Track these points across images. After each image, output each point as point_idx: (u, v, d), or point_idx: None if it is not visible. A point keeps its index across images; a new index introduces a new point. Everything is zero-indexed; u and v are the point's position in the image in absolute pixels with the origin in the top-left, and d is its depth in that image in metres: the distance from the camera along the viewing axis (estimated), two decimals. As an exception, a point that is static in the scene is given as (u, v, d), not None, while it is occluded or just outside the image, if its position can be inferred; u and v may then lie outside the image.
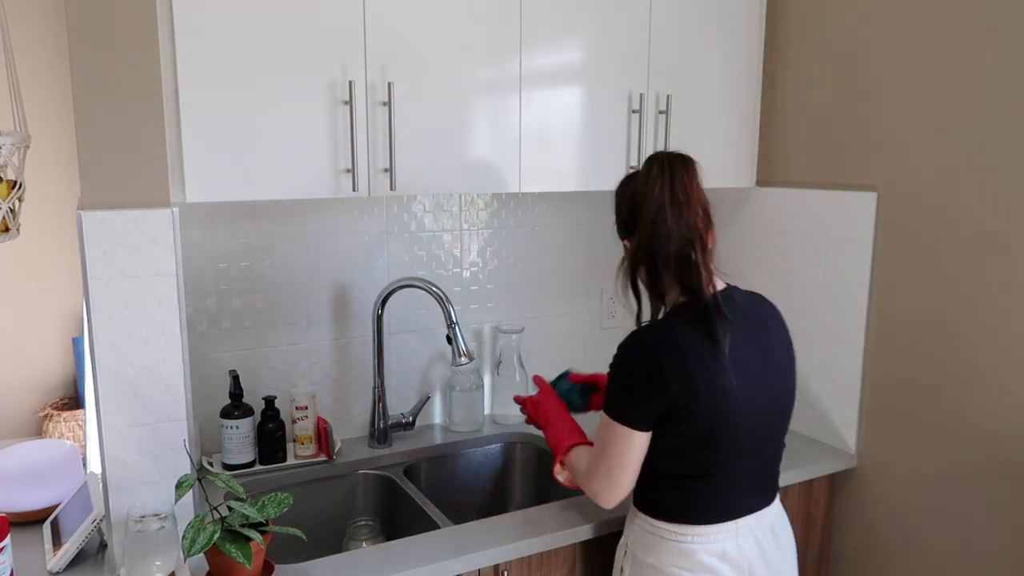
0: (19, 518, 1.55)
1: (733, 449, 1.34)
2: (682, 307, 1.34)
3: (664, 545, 1.38)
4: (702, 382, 1.28)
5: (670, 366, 1.28)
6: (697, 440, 1.32)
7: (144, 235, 1.34)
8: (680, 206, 1.30)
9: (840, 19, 1.89)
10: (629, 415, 1.32)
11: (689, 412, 1.29)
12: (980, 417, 1.67)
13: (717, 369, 1.29)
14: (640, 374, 1.31)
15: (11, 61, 1.46)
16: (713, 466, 1.34)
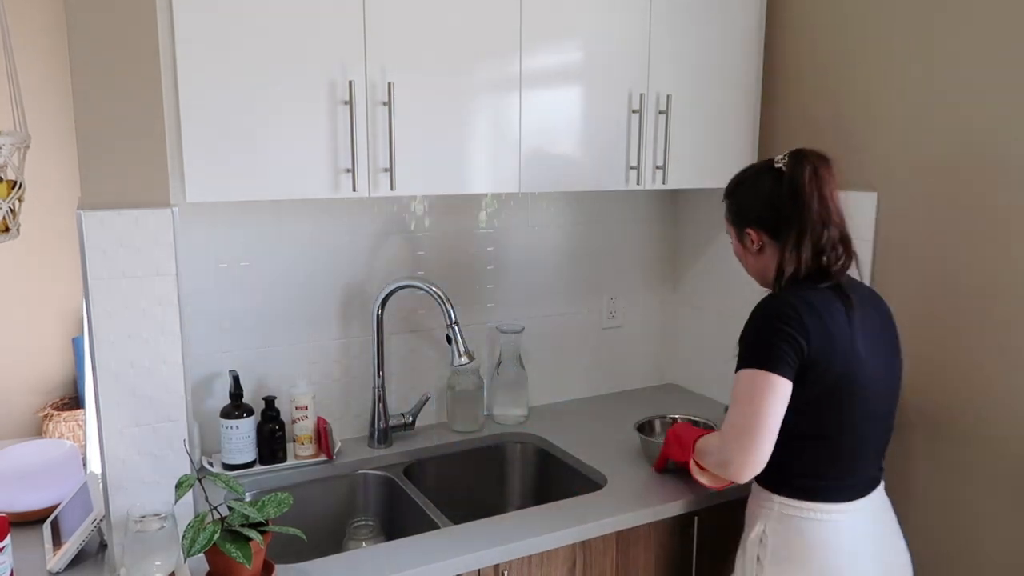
0: (19, 518, 1.55)
1: (861, 412, 1.39)
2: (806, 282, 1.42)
3: (808, 525, 1.39)
4: (837, 338, 1.36)
5: (809, 320, 1.34)
6: (830, 392, 1.36)
7: (144, 235, 1.34)
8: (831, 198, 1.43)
9: (839, 19, 1.89)
10: (771, 361, 1.33)
11: (824, 368, 1.34)
12: (980, 417, 1.67)
13: (850, 332, 1.38)
14: (780, 325, 1.34)
15: (11, 61, 1.46)
16: (844, 424, 1.38)
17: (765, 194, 1.47)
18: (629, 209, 2.31)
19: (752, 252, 1.52)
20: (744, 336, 1.40)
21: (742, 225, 1.51)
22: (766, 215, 1.46)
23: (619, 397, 2.35)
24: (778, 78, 2.05)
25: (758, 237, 1.49)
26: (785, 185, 1.43)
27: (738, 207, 1.53)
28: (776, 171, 1.46)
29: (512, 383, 2.12)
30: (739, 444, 1.35)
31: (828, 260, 1.43)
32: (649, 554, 1.66)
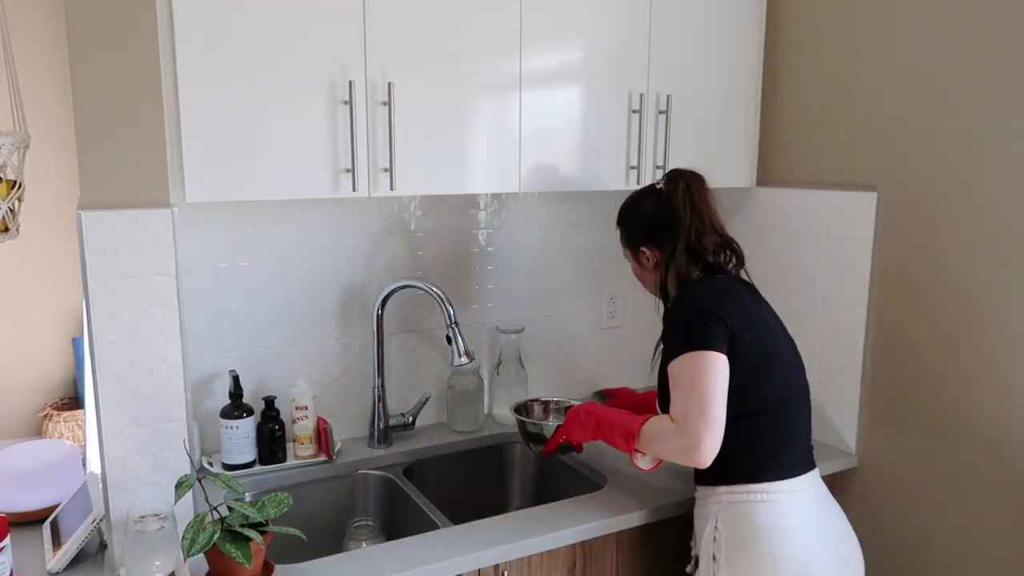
0: (19, 518, 1.55)
1: (785, 382, 1.48)
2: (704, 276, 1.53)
3: (755, 508, 1.41)
4: (751, 314, 1.46)
5: (724, 299, 1.45)
6: (756, 368, 1.42)
7: (144, 235, 1.34)
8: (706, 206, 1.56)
9: (840, 19, 1.89)
10: (705, 340, 1.38)
11: (748, 341, 1.41)
12: (980, 417, 1.67)
13: (756, 308, 1.50)
14: (698, 309, 1.43)
15: (11, 61, 1.46)
16: (773, 397, 1.45)
17: (649, 213, 1.59)
18: (629, 209, 2.31)
19: (649, 269, 1.61)
20: (669, 328, 1.46)
21: (637, 245, 1.61)
22: (651, 232, 1.58)
23: (619, 397, 2.35)
24: (778, 78, 2.05)
25: (652, 254, 1.59)
26: (664, 203, 1.56)
27: (630, 230, 1.64)
28: (657, 192, 1.60)
29: (512, 383, 2.12)
30: (700, 426, 1.36)
31: (718, 262, 1.55)
32: (649, 554, 1.66)
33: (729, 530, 1.42)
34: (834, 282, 1.93)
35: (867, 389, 1.89)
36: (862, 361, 1.88)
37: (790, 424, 1.47)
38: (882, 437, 1.87)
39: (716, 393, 1.37)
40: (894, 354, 1.82)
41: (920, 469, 1.79)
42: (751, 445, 1.43)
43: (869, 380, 1.88)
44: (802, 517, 1.42)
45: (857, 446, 1.92)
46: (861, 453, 1.92)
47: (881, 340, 1.85)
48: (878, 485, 1.88)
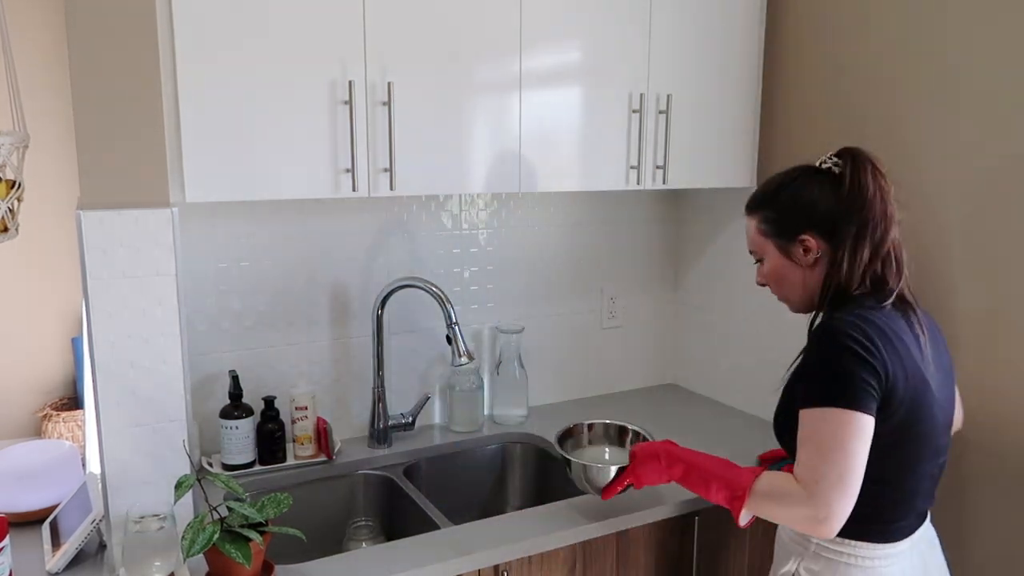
0: (18, 518, 1.55)
1: (927, 447, 1.26)
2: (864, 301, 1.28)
3: (847, 569, 1.27)
4: (909, 367, 1.22)
5: (884, 345, 1.20)
6: (899, 434, 1.23)
7: (144, 235, 1.34)
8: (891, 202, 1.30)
9: (839, 19, 1.89)
10: (855, 397, 1.17)
11: (897, 400, 1.20)
12: (980, 417, 1.66)
13: (918, 358, 1.24)
14: (853, 353, 1.18)
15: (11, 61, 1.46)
16: (908, 466, 1.25)
17: (821, 197, 1.31)
18: (629, 209, 2.31)
19: (805, 265, 1.33)
20: (812, 368, 1.23)
21: (794, 232, 1.33)
22: (825, 218, 1.30)
23: (619, 397, 2.35)
24: (778, 78, 2.05)
25: (816, 244, 1.31)
26: (845, 184, 1.28)
27: (785, 214, 1.34)
28: (826, 173, 1.33)
29: (512, 383, 2.12)
30: (836, 497, 1.17)
31: (886, 272, 1.29)
32: (649, 554, 1.66)
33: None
34: (834, 282, 1.92)
35: (867, 389, 1.89)
36: (862, 361, 1.88)
37: (919, 488, 1.28)
38: (882, 437, 1.87)
39: (858, 460, 1.17)
40: (894, 354, 1.82)
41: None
42: (866, 510, 1.22)
43: (869, 380, 1.88)
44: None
45: (857, 446, 1.92)
46: (861, 453, 1.92)
47: (881, 340, 1.84)
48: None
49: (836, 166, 1.32)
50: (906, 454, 1.25)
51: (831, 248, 1.31)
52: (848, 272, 1.28)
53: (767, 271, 1.40)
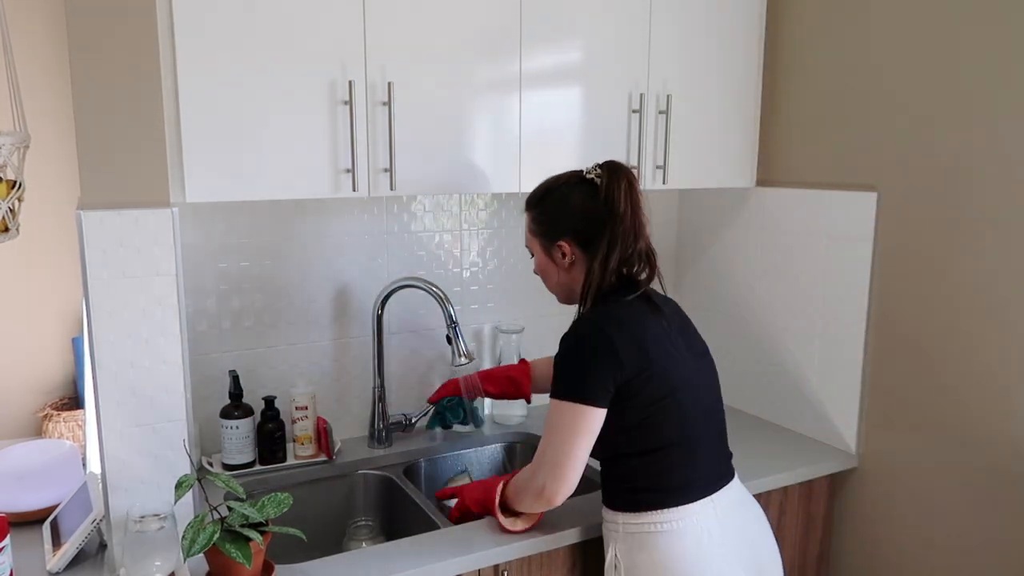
0: (19, 518, 1.55)
1: (687, 415, 1.39)
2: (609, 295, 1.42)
3: (652, 539, 1.38)
4: (652, 346, 1.36)
5: (619, 338, 1.34)
6: (655, 406, 1.36)
7: (144, 235, 1.34)
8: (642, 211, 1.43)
9: (839, 19, 1.89)
10: (584, 392, 1.34)
11: (644, 379, 1.34)
12: (980, 417, 1.67)
13: (661, 336, 1.39)
14: (590, 351, 1.35)
15: (11, 61, 1.46)
16: (673, 432, 1.38)
17: (579, 206, 1.43)
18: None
19: (562, 267, 1.47)
20: (558, 364, 1.38)
21: (553, 238, 1.46)
22: (580, 227, 1.43)
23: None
24: (778, 78, 2.05)
25: (571, 250, 1.45)
26: (601, 197, 1.40)
27: (549, 219, 1.48)
28: (588, 183, 1.44)
29: (512, 383, 2.11)
30: (553, 474, 1.36)
31: (633, 272, 1.44)
32: (649, 554, 1.66)
33: (628, 559, 1.40)
34: (834, 282, 1.93)
35: (867, 389, 1.89)
36: (862, 361, 1.88)
37: (694, 453, 1.41)
38: (882, 437, 1.87)
39: (579, 449, 1.34)
40: (894, 354, 1.82)
41: (920, 469, 1.79)
42: (651, 479, 1.39)
43: (869, 380, 1.88)
44: (701, 537, 1.37)
45: (857, 446, 1.92)
46: (861, 453, 1.92)
47: (881, 340, 1.85)
48: (878, 485, 1.88)
49: (598, 177, 1.43)
50: (662, 427, 1.38)
51: (585, 255, 1.44)
52: (599, 278, 1.41)
53: (535, 266, 1.55)
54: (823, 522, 1.96)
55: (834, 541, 1.99)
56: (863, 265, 1.85)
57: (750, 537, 1.45)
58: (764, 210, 2.10)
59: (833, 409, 1.96)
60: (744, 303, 2.18)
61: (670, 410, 1.38)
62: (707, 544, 1.38)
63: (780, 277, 2.06)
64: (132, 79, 1.34)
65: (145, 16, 1.34)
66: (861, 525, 1.93)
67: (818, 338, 1.98)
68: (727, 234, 2.21)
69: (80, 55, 1.30)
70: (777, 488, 1.82)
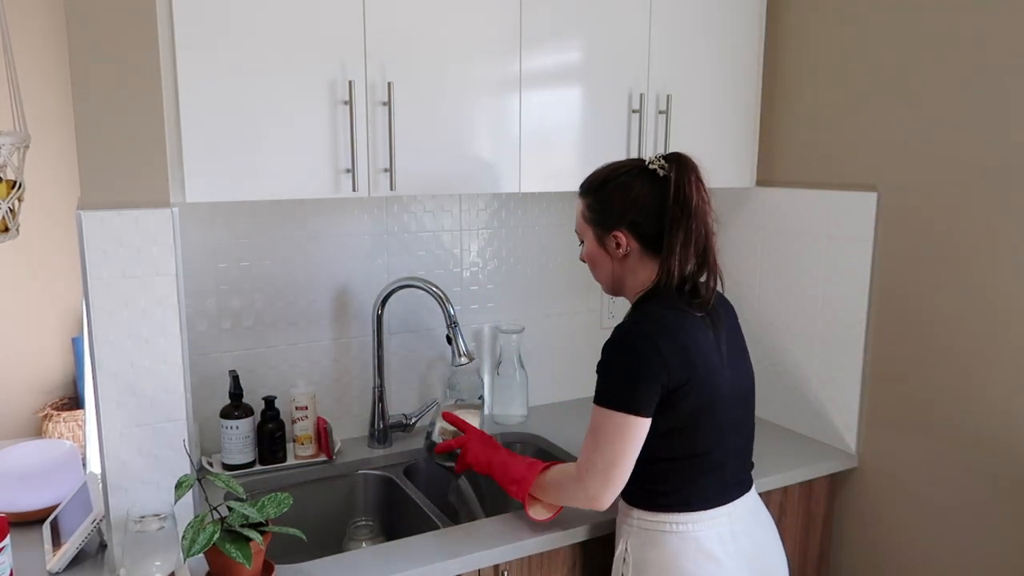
0: (19, 518, 1.55)
1: (723, 425, 1.39)
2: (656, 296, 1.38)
3: (666, 538, 1.38)
4: (698, 358, 1.34)
5: (666, 346, 1.31)
6: (694, 416, 1.35)
7: (144, 235, 1.34)
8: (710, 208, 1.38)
9: (840, 19, 1.89)
10: (631, 401, 1.31)
11: (688, 388, 1.33)
12: (980, 417, 1.67)
13: (708, 347, 1.37)
14: (638, 359, 1.32)
15: (11, 61, 1.46)
16: (707, 443, 1.38)
17: (644, 197, 1.37)
18: (629, 209, 2.31)
19: (616, 257, 1.42)
20: (605, 369, 1.35)
21: (610, 227, 1.40)
22: (643, 220, 1.37)
23: (619, 397, 2.35)
24: (778, 78, 2.05)
25: (628, 242, 1.39)
26: (671, 190, 1.34)
27: (607, 207, 1.41)
28: (651, 174, 1.38)
29: (512, 383, 2.12)
30: (603, 482, 1.35)
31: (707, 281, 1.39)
32: (649, 554, 1.66)
33: (638, 554, 1.40)
34: (834, 282, 1.93)
35: (867, 389, 1.89)
36: (862, 361, 1.88)
37: (722, 464, 1.41)
38: (882, 437, 1.87)
39: (629, 456, 1.34)
40: (894, 354, 1.82)
41: (920, 469, 1.79)
42: (677, 484, 1.39)
43: (869, 380, 1.88)
44: (714, 544, 1.38)
45: (857, 446, 1.92)
46: (861, 453, 1.92)
47: (881, 340, 1.85)
48: (878, 485, 1.88)
49: (662, 168, 1.38)
50: (696, 437, 1.37)
51: (642, 248, 1.40)
52: (669, 277, 1.36)
53: (585, 254, 1.49)
54: (823, 522, 1.96)
55: (834, 541, 1.99)
56: (863, 265, 1.86)
57: (760, 547, 1.45)
58: (764, 210, 2.10)
59: (833, 409, 1.96)
60: (744, 303, 2.18)
61: (706, 421, 1.37)
62: (719, 550, 1.38)
63: (780, 277, 2.06)
64: (132, 79, 1.34)
65: (145, 16, 1.33)
66: (861, 525, 1.93)
67: (818, 338, 1.98)
68: (727, 234, 2.21)
69: (80, 55, 1.30)
70: (777, 488, 1.82)
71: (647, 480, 1.40)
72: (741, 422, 1.45)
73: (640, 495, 1.42)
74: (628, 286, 1.45)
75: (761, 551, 1.45)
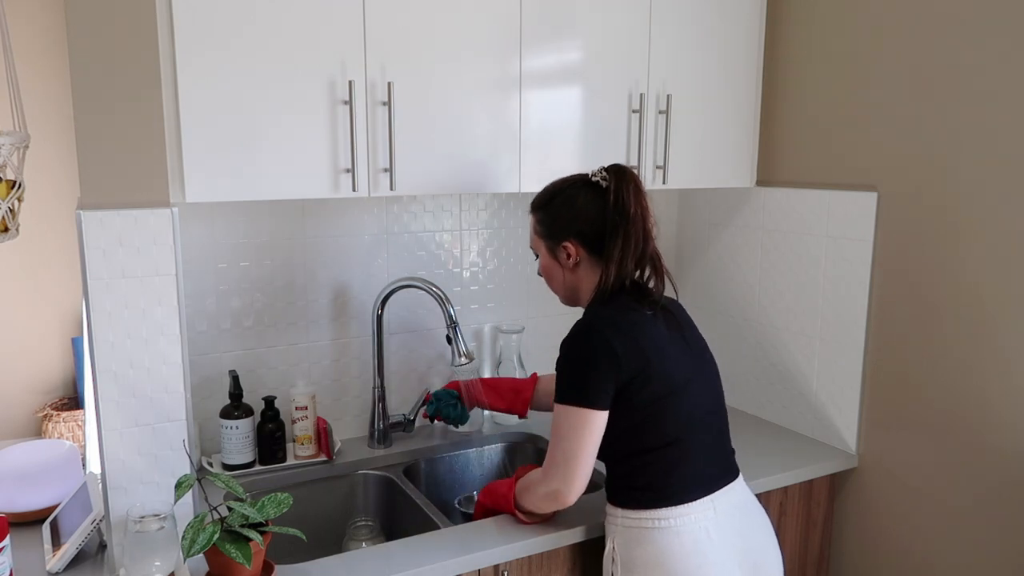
0: (19, 518, 1.55)
1: (687, 415, 1.42)
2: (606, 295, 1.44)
3: (650, 535, 1.40)
4: (650, 349, 1.39)
5: (618, 341, 1.37)
6: (654, 406, 1.39)
7: (144, 235, 1.34)
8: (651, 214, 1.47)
9: (839, 19, 1.89)
10: (586, 395, 1.36)
11: (643, 380, 1.37)
12: (980, 417, 1.67)
13: (659, 339, 1.42)
14: (590, 354, 1.37)
15: (11, 61, 1.46)
16: (675, 432, 1.40)
17: (587, 208, 1.46)
18: (629, 209, 2.31)
19: (567, 267, 1.50)
20: (561, 368, 1.41)
21: (559, 238, 1.49)
22: (588, 229, 1.46)
23: (619, 397, 2.35)
24: (778, 78, 2.05)
25: (576, 251, 1.47)
26: (610, 200, 1.43)
27: (555, 220, 1.50)
28: (594, 186, 1.47)
29: (512, 383, 2.11)
30: (563, 475, 1.39)
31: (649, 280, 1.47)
32: (649, 554, 1.66)
33: (625, 552, 1.41)
34: (834, 282, 1.93)
35: (867, 389, 1.89)
36: (862, 361, 1.88)
37: (695, 453, 1.42)
38: (882, 437, 1.87)
39: (587, 449, 1.37)
40: (894, 354, 1.82)
41: (920, 469, 1.79)
42: (650, 478, 1.41)
43: (869, 380, 1.88)
44: (698, 540, 1.39)
45: (857, 446, 1.92)
46: (861, 453, 1.92)
47: (881, 340, 1.85)
48: (878, 485, 1.88)
49: (604, 180, 1.46)
50: (662, 428, 1.40)
51: (590, 255, 1.47)
52: (613, 279, 1.43)
53: (540, 267, 1.57)
54: (823, 522, 1.96)
55: (834, 541, 1.99)
56: (863, 265, 1.86)
57: (751, 542, 1.46)
58: (764, 210, 2.10)
59: (833, 409, 1.96)
60: (744, 303, 2.18)
61: (670, 410, 1.40)
62: (704, 543, 1.39)
63: (780, 277, 2.06)
64: (132, 79, 1.34)
65: (145, 16, 1.33)
66: (861, 525, 1.93)
67: (818, 338, 1.98)
68: (727, 234, 2.21)
69: (80, 55, 1.30)
70: (777, 488, 1.82)
71: (623, 477, 1.43)
72: (712, 410, 1.48)
73: (620, 493, 1.44)
74: (582, 293, 1.51)
75: (751, 543, 1.45)
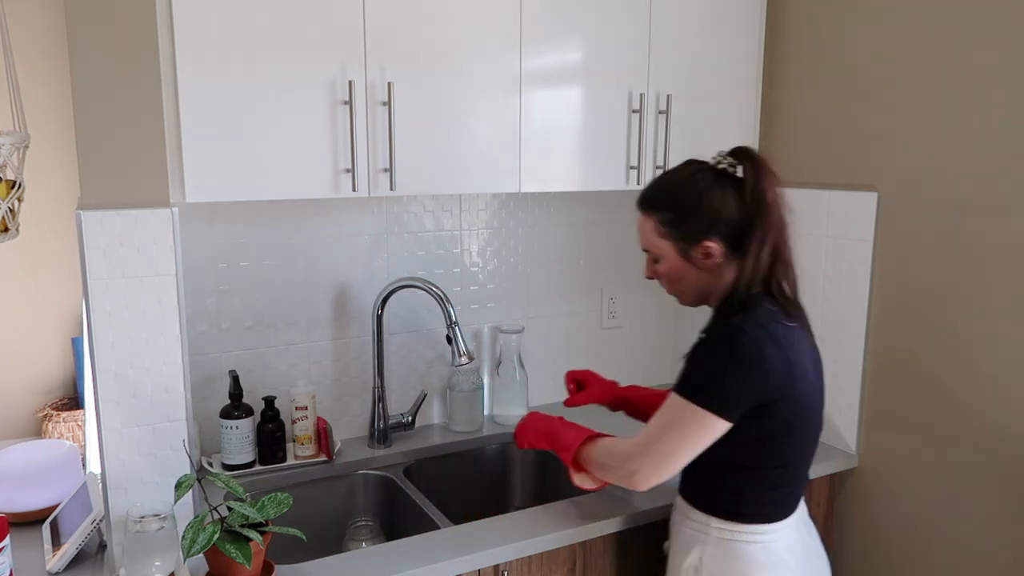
0: (18, 518, 1.55)
1: (808, 438, 1.38)
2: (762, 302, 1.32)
3: (747, 548, 1.36)
4: (797, 372, 1.30)
5: (773, 357, 1.26)
6: (783, 428, 1.32)
7: (144, 235, 1.34)
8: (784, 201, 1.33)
9: (840, 19, 1.89)
10: (717, 400, 1.26)
11: (783, 402, 1.29)
12: (981, 417, 1.67)
13: (805, 360, 1.33)
14: (739, 364, 1.26)
15: (11, 61, 1.46)
16: (792, 455, 1.36)
17: (725, 201, 1.31)
18: (629, 209, 2.29)
19: (704, 268, 1.36)
20: (699, 361, 1.30)
21: (696, 238, 1.33)
22: (728, 225, 1.31)
23: (619, 397, 2.35)
24: (778, 78, 2.05)
25: (720, 252, 1.33)
26: (748, 189, 1.30)
27: (688, 218, 1.33)
28: (723, 174, 1.33)
29: (512, 383, 2.12)
30: (652, 465, 1.32)
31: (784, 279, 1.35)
32: (649, 554, 1.66)
33: (715, 565, 1.37)
34: (834, 282, 1.93)
35: (867, 389, 1.89)
36: (862, 361, 1.88)
37: (800, 475, 1.40)
38: (882, 437, 1.87)
39: (689, 450, 1.30)
40: (894, 354, 1.82)
41: (920, 469, 1.79)
42: (759, 494, 1.37)
43: (869, 380, 1.88)
44: (785, 550, 1.38)
45: (857, 446, 1.92)
46: (861, 453, 1.92)
47: (881, 340, 1.85)
48: (878, 485, 1.88)
49: (731, 166, 1.33)
50: (787, 447, 1.35)
51: (731, 253, 1.33)
52: (751, 278, 1.31)
53: (664, 270, 1.41)
54: (823, 522, 1.96)
55: (834, 541, 1.99)
56: (863, 265, 1.85)
57: (811, 552, 1.46)
58: (764, 210, 2.09)
59: (833, 409, 1.96)
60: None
61: (795, 434, 1.34)
62: (790, 559, 1.38)
63: (780, 277, 2.06)
64: (132, 79, 1.34)
65: (145, 16, 1.34)
66: (861, 525, 1.93)
67: (818, 338, 1.97)
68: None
69: (80, 55, 1.30)
70: (777, 488, 1.82)
71: (731, 490, 1.37)
72: (816, 436, 1.42)
73: (722, 504, 1.38)
74: (715, 294, 1.38)
75: (812, 556, 1.46)
